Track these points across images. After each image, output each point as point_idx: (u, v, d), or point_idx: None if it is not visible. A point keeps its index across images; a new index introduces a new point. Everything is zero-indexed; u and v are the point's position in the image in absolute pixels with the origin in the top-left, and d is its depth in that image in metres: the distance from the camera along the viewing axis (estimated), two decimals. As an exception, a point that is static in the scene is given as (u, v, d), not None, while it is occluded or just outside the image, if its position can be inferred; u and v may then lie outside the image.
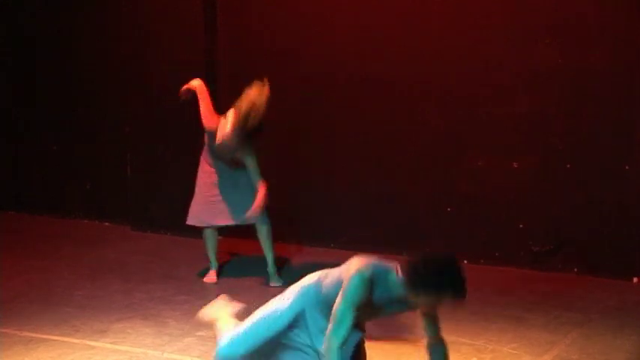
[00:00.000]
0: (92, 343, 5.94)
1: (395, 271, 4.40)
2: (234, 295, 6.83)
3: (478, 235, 7.62)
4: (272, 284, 7.07)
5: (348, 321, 4.33)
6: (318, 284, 4.59)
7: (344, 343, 4.34)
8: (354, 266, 4.41)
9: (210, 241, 7.25)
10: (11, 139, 9.46)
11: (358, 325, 4.51)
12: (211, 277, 7.26)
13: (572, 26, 7.20)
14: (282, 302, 4.65)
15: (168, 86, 8.39)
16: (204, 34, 8.26)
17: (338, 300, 4.36)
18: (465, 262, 7.66)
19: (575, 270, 7.37)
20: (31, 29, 9.22)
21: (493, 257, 7.58)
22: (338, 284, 4.43)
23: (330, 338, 4.34)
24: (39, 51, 9.24)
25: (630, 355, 5.76)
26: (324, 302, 4.51)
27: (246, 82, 8.23)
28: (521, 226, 7.49)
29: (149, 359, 5.77)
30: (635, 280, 7.17)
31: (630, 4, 7.02)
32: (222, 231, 7.52)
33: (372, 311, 4.49)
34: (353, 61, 7.89)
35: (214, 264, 7.29)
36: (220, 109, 8.25)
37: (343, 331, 4.33)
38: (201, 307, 6.58)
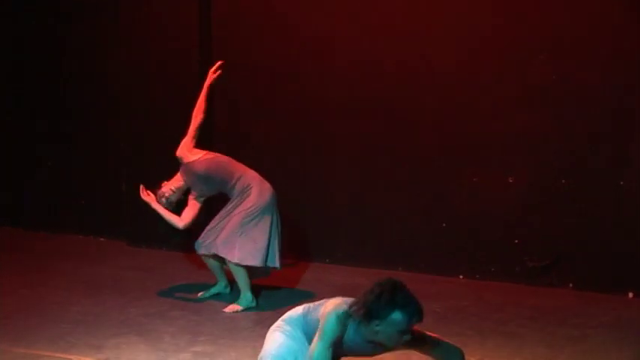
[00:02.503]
0: (87, 359, 5.93)
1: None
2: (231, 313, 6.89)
3: (474, 251, 7.62)
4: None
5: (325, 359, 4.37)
6: (304, 316, 4.62)
7: None
8: (330, 306, 4.45)
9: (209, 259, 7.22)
10: (7, 155, 9.46)
11: None
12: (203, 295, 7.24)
13: (567, 43, 7.22)
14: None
15: (163, 102, 8.41)
16: (200, 53, 8.28)
17: (315, 339, 4.40)
18: (461, 277, 7.69)
19: (571, 285, 7.37)
20: (30, 46, 9.23)
21: (489, 272, 7.58)
22: (317, 323, 4.47)
23: None
24: (36, 68, 9.24)
25: (626, 371, 5.78)
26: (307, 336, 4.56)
27: (240, 99, 8.29)
28: (516, 241, 7.50)
29: (144, 375, 5.78)
30: (630, 295, 7.17)
31: (625, 22, 7.04)
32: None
33: (347, 350, 4.51)
34: (350, 80, 7.90)
35: (222, 281, 7.26)
36: (215, 125, 8.28)
37: None
38: (196, 322, 6.61)
